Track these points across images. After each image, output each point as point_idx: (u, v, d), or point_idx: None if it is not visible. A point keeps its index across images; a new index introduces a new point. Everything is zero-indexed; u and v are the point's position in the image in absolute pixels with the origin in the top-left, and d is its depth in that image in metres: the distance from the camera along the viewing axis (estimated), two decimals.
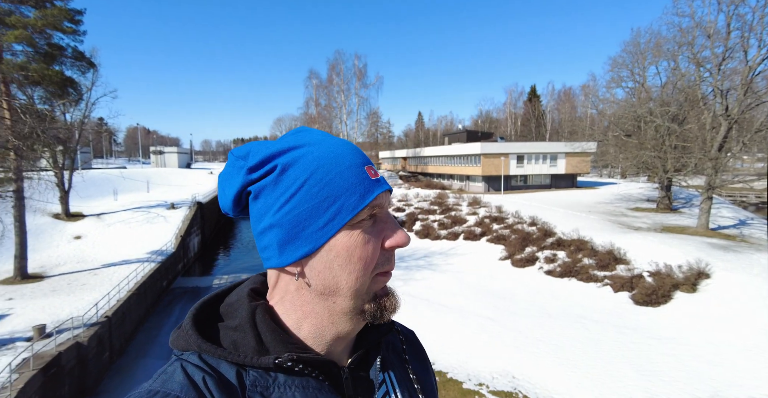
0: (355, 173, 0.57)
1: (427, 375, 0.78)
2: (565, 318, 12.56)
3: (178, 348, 0.58)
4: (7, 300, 14.37)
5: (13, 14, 16.92)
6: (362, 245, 0.56)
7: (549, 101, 68.62)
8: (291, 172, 0.56)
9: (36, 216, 22.66)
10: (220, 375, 0.53)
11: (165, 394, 0.48)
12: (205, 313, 0.62)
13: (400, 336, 0.76)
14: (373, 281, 0.59)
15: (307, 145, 0.58)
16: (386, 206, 0.61)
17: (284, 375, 0.56)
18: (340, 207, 0.55)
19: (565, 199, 30.95)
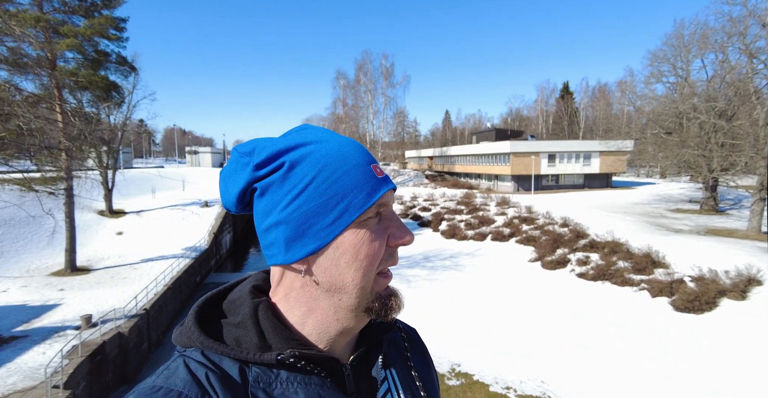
0: (362, 171, 0.58)
1: (428, 372, 0.79)
2: (598, 322, 12.09)
3: (181, 345, 0.58)
4: (59, 291, 15.43)
5: (66, 24, 18.16)
6: (369, 242, 0.57)
7: (582, 98, 66.19)
8: (299, 169, 0.56)
9: (83, 213, 24.16)
10: (223, 372, 0.54)
11: (168, 390, 0.49)
12: (208, 310, 0.63)
13: (402, 334, 0.76)
14: (377, 280, 0.60)
15: (313, 142, 0.58)
16: (391, 204, 0.61)
17: (287, 371, 0.56)
18: (347, 205, 0.56)
19: (599, 199, 29.76)
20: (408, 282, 16.86)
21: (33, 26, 14.52)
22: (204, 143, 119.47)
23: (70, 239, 17.73)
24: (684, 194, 30.78)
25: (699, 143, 21.96)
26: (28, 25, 12.37)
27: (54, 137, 13.95)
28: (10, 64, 12.27)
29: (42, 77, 14.65)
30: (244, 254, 29.61)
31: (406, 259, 20.38)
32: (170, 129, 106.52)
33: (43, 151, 13.15)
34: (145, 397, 0.48)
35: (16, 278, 16.60)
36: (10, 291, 15.28)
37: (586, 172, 38.69)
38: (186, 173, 48.24)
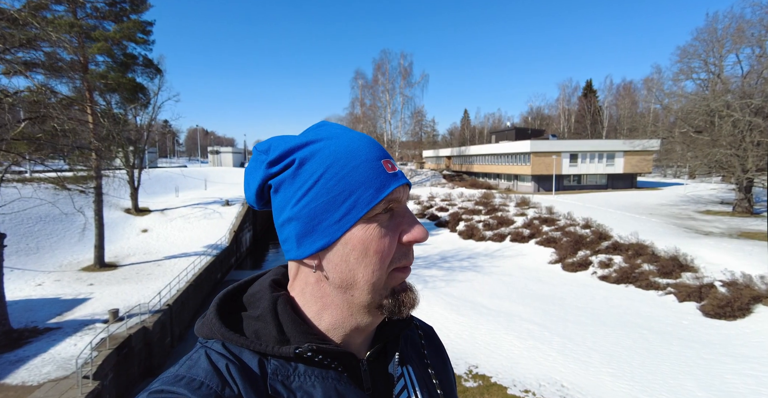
0: (371, 166, 0.57)
1: (445, 370, 0.79)
2: (621, 326, 11.74)
3: (203, 336, 0.60)
4: (89, 285, 16.10)
5: (97, 29, 18.93)
6: (378, 238, 0.56)
7: (606, 96, 64.39)
8: (308, 166, 0.57)
9: (111, 211, 25.11)
10: (243, 363, 0.55)
11: (190, 379, 0.51)
12: (229, 302, 0.64)
13: (419, 331, 0.76)
14: (391, 276, 0.59)
15: (324, 139, 0.59)
16: (404, 201, 0.60)
17: (304, 365, 0.57)
18: (355, 201, 0.56)
19: (622, 200, 28.89)
20: (425, 283, 16.79)
21: (67, 32, 15.19)
22: (226, 143, 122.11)
23: (99, 236, 18.46)
24: (715, 196, 29.52)
25: (732, 141, 21.01)
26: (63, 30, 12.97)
27: (85, 138, 14.57)
28: (47, 69, 12.88)
29: (75, 80, 15.32)
30: (263, 252, 30.15)
31: (422, 259, 20.31)
32: (193, 129, 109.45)
33: (75, 151, 13.74)
34: (169, 386, 0.50)
35: (51, 273, 17.41)
36: (45, 285, 16.04)
37: (610, 172, 37.61)
38: (208, 172, 49.46)
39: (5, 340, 10.90)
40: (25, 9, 10.88)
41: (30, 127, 11.79)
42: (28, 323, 12.26)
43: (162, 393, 0.49)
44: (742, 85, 22.04)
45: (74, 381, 8.84)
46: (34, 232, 19.62)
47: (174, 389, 0.50)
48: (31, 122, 11.64)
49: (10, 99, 10.79)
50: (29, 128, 11.79)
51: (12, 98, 10.89)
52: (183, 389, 0.49)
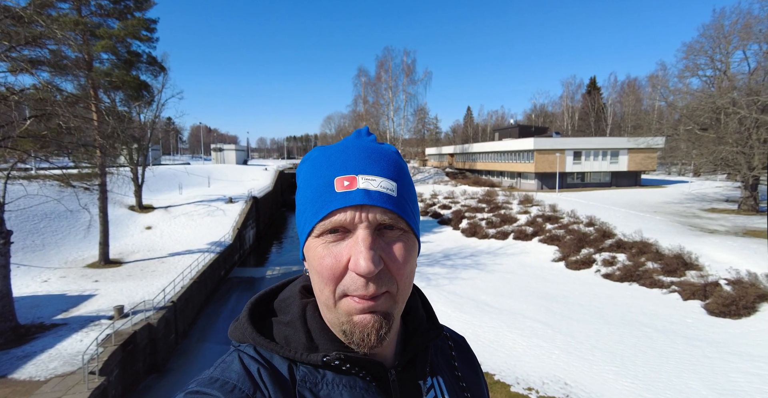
0: (320, 184, 0.56)
1: (477, 381, 0.77)
2: (624, 324, 11.72)
3: (236, 340, 0.62)
4: (94, 282, 16.21)
5: (102, 27, 18.96)
6: (318, 258, 0.55)
7: (611, 94, 63.92)
8: (297, 179, 0.63)
9: (115, 208, 25.24)
10: (274, 368, 0.56)
11: (224, 382, 0.52)
12: (260, 307, 0.66)
13: (449, 342, 0.75)
14: (344, 302, 0.54)
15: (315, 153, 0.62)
16: (360, 222, 0.53)
17: (332, 372, 0.57)
18: (305, 218, 0.58)
19: (627, 198, 28.76)
20: (428, 280, 16.81)
21: (72, 29, 15.24)
22: (229, 140, 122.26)
23: (104, 233, 18.56)
24: (720, 193, 29.34)
25: (738, 139, 20.84)
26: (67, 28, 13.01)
27: (89, 135, 14.63)
28: (52, 66, 12.90)
29: (80, 78, 15.34)
30: (266, 249, 30.25)
31: (425, 257, 20.31)
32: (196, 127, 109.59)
33: (79, 148, 13.80)
34: (204, 387, 0.52)
35: (56, 269, 17.54)
36: (51, 281, 16.17)
37: (614, 170, 37.42)
38: (211, 169, 49.57)
39: (13, 336, 11.01)
40: (30, 7, 10.90)
41: (36, 124, 11.84)
42: (35, 319, 12.37)
43: (197, 394, 0.51)
44: (748, 82, 21.82)
45: (80, 377, 8.93)
46: (39, 229, 19.76)
47: (208, 391, 0.51)
48: (36, 119, 11.68)
49: (16, 97, 10.85)
50: (35, 126, 11.84)
51: (18, 96, 10.95)
52: (217, 391, 0.51)
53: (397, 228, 0.56)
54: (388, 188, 0.56)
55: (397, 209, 0.56)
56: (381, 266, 0.53)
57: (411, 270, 0.58)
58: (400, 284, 0.56)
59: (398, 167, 0.60)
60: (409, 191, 0.61)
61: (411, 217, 0.59)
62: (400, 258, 0.55)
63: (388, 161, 0.59)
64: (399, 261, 0.55)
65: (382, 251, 0.54)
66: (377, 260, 0.52)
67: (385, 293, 0.54)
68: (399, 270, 0.55)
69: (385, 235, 0.56)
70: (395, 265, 0.55)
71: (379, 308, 0.54)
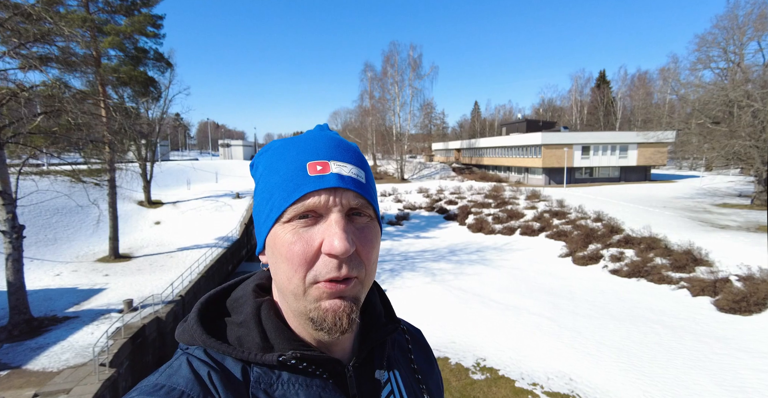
0: (291, 168, 0.55)
1: (432, 374, 0.77)
2: (631, 320, 11.63)
3: (184, 342, 0.58)
4: (104, 276, 16.49)
5: (109, 23, 19.09)
6: (288, 245, 0.53)
7: (620, 87, 62.91)
8: (255, 170, 0.62)
9: (124, 203, 25.57)
10: (226, 371, 0.53)
11: (170, 389, 0.48)
12: (211, 307, 0.62)
13: (406, 336, 0.75)
14: (314, 288, 0.53)
15: (276, 143, 0.61)
16: (333, 206, 0.54)
17: (288, 372, 0.55)
18: (272, 204, 0.55)
19: (635, 193, 28.40)
20: (433, 276, 16.81)
21: (80, 26, 15.34)
22: (236, 136, 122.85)
23: (114, 228, 18.83)
24: (733, 188, 28.82)
25: (752, 132, 20.42)
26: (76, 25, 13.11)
27: (98, 131, 14.78)
28: (61, 63, 13.04)
29: (88, 74, 15.50)
30: None
31: (431, 252, 20.31)
32: (204, 123, 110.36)
33: (89, 144, 13.96)
34: (148, 395, 0.47)
35: (68, 263, 17.86)
36: (62, 275, 16.48)
37: (623, 164, 36.96)
38: (219, 165, 49.92)
39: (26, 328, 11.26)
40: (39, 4, 11.00)
41: (46, 121, 12.00)
42: (48, 312, 12.63)
43: None
44: (763, 73, 21.34)
45: (92, 369, 9.12)
46: (51, 223, 20.11)
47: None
48: (46, 115, 11.84)
49: (26, 93, 10.98)
50: (45, 122, 12.01)
51: (28, 93, 11.08)
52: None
53: (365, 215, 0.57)
54: (358, 175, 0.57)
55: (367, 195, 0.57)
56: (354, 247, 0.53)
57: (377, 257, 0.58)
58: (368, 269, 0.56)
59: (364, 159, 0.62)
60: (374, 183, 0.63)
61: (377, 205, 0.60)
62: (369, 243, 0.56)
63: (355, 151, 0.61)
64: (368, 245, 0.56)
65: (353, 234, 0.54)
66: (351, 241, 0.52)
67: (354, 278, 0.54)
68: (368, 255, 0.56)
69: (355, 221, 0.56)
70: (365, 249, 0.55)
71: (348, 293, 0.54)
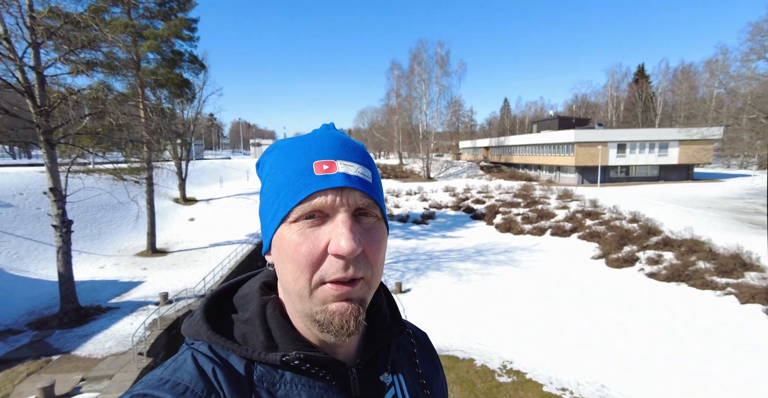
0: (297, 167, 0.54)
1: (436, 379, 0.76)
2: (671, 328, 11.03)
3: (190, 337, 0.58)
4: (142, 270, 17.38)
5: (149, 28, 20.07)
6: (294, 245, 0.52)
7: (661, 82, 59.61)
8: (261, 169, 0.61)
9: (161, 200, 26.80)
10: (230, 368, 0.53)
11: (175, 383, 0.49)
12: (218, 303, 0.62)
13: (411, 339, 0.73)
14: (321, 289, 0.53)
15: (284, 142, 0.60)
16: (340, 206, 0.53)
17: (291, 372, 0.55)
18: (279, 203, 0.55)
19: (676, 193, 26.89)
20: (459, 276, 16.61)
21: (122, 32, 16.20)
22: (267, 135, 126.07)
23: (151, 224, 19.80)
24: None
25: None
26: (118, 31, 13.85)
27: (137, 132, 15.58)
28: (105, 67, 13.85)
29: (129, 77, 16.37)
30: None
31: (457, 252, 20.06)
32: (236, 122, 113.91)
33: (129, 144, 14.73)
34: (152, 389, 0.48)
35: (111, 257, 18.95)
36: (106, 268, 17.52)
37: (662, 163, 35.06)
38: (250, 164, 51.37)
39: (75, 316, 12.05)
40: (87, 12, 11.70)
41: (91, 122, 12.76)
42: (93, 302, 13.45)
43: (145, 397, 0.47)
44: None
45: (131, 357, 9.64)
46: (96, 219, 21.38)
47: (157, 393, 0.47)
48: (92, 117, 12.59)
49: (74, 97, 11.73)
50: (90, 123, 12.77)
51: (76, 96, 11.83)
52: (167, 393, 0.47)
53: (371, 215, 0.56)
54: (364, 174, 0.57)
55: (374, 195, 0.56)
56: (362, 247, 0.52)
57: (383, 257, 0.57)
58: (374, 270, 0.55)
59: (370, 159, 0.61)
60: (380, 182, 0.62)
61: (383, 205, 0.59)
62: (376, 243, 0.55)
63: (362, 151, 0.60)
64: (375, 246, 0.55)
65: (359, 235, 0.53)
66: (358, 241, 0.51)
67: (360, 279, 0.53)
68: (375, 255, 0.55)
69: (362, 221, 0.55)
70: (372, 249, 0.55)
71: (355, 294, 0.53)
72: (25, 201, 18.95)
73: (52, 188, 11.68)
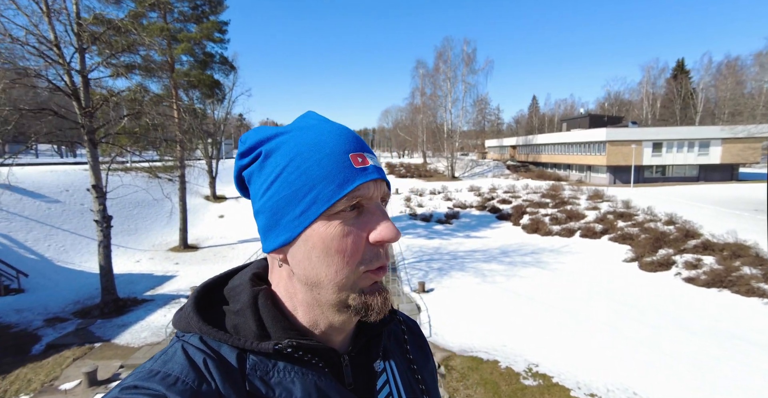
0: (335, 160, 0.55)
1: (427, 365, 0.78)
2: (710, 335, 10.46)
3: (180, 329, 0.58)
4: (175, 264, 18.13)
5: (183, 31, 20.88)
6: (340, 237, 0.54)
7: (703, 77, 56.34)
8: (272, 159, 0.56)
9: (193, 197, 27.83)
10: (221, 358, 0.53)
11: (165, 375, 0.48)
12: (209, 295, 0.62)
13: (402, 326, 0.75)
14: (361, 277, 0.55)
15: (293, 130, 0.58)
16: (375, 197, 0.56)
17: (284, 361, 0.55)
18: (316, 196, 0.54)
19: (719, 194, 25.42)
20: (483, 276, 16.36)
21: (158, 35, 16.95)
22: None
23: (183, 220, 20.60)
24: None
25: None
26: (155, 34, 14.53)
27: (171, 131, 16.26)
28: (142, 70, 14.51)
29: (164, 79, 17.08)
30: None
31: (481, 252, 19.76)
32: (264, 122, 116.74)
33: (163, 143, 15.39)
34: (143, 381, 0.48)
35: (146, 251, 19.88)
36: (141, 262, 18.39)
37: (702, 162, 33.25)
38: None
39: (114, 307, 12.72)
40: (127, 18, 12.31)
41: (129, 122, 13.42)
42: (130, 294, 14.15)
43: (135, 389, 0.47)
44: None
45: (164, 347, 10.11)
46: (133, 215, 22.46)
47: (148, 384, 0.47)
48: (130, 118, 13.24)
49: (115, 98, 12.37)
50: (128, 123, 13.43)
51: (116, 97, 12.48)
52: (157, 384, 0.47)
53: (386, 204, 0.60)
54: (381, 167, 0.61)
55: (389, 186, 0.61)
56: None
57: None
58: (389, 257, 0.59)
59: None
60: None
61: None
62: None
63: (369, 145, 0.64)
64: None
65: None
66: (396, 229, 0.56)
67: (386, 265, 0.58)
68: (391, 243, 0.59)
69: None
70: None
71: (382, 279, 0.58)
72: (70, 197, 20.15)
73: (95, 185, 12.36)
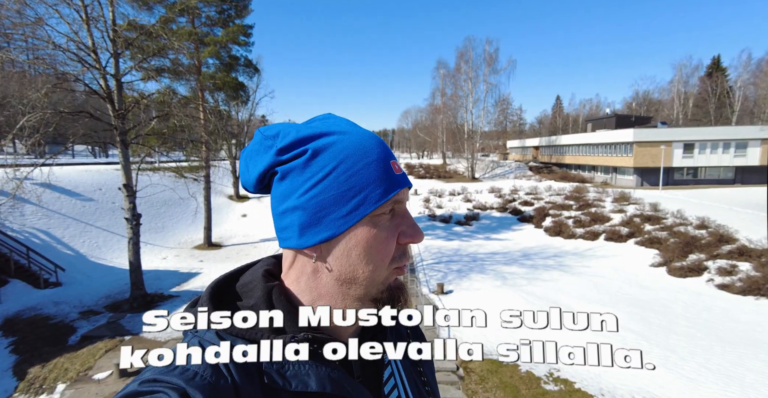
0: (380, 167, 0.60)
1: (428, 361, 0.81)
2: (746, 344, 9.97)
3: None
4: (199, 262, 18.68)
5: (209, 35, 21.55)
6: (381, 238, 0.59)
7: (740, 74, 53.59)
8: (320, 158, 0.58)
9: (217, 197, 28.56)
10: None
11: (184, 369, 0.49)
12: (221, 291, 0.63)
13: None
14: (392, 273, 0.62)
15: (337, 133, 0.60)
16: (405, 202, 0.63)
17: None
18: (364, 198, 0.57)
19: (757, 197, 24.15)
20: (504, 279, 16.11)
21: (187, 39, 17.55)
22: None
23: (208, 219, 21.20)
24: None
25: None
26: (183, 39, 15.05)
27: (197, 132, 16.80)
28: (171, 73, 15.06)
29: (191, 82, 17.66)
30: None
31: (502, 255, 19.46)
32: None
33: (189, 144, 15.91)
34: (162, 375, 0.48)
35: (172, 249, 20.56)
36: (168, 259, 19.03)
37: (739, 164, 31.71)
38: None
39: (142, 301, 13.23)
40: (158, 23, 12.81)
41: (158, 124, 13.94)
42: (157, 289, 14.67)
43: (154, 383, 0.48)
44: None
45: None
46: (160, 213, 23.27)
47: (167, 378, 0.48)
48: (158, 119, 13.76)
49: (145, 101, 12.89)
50: (157, 125, 13.95)
51: (147, 100, 12.99)
52: (177, 378, 0.48)
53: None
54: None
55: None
56: None
57: None
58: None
59: None
60: None
61: None
62: None
63: None
64: None
65: None
66: None
67: None
68: None
69: None
70: None
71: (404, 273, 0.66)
72: (103, 196, 21.07)
73: (126, 185, 12.89)
